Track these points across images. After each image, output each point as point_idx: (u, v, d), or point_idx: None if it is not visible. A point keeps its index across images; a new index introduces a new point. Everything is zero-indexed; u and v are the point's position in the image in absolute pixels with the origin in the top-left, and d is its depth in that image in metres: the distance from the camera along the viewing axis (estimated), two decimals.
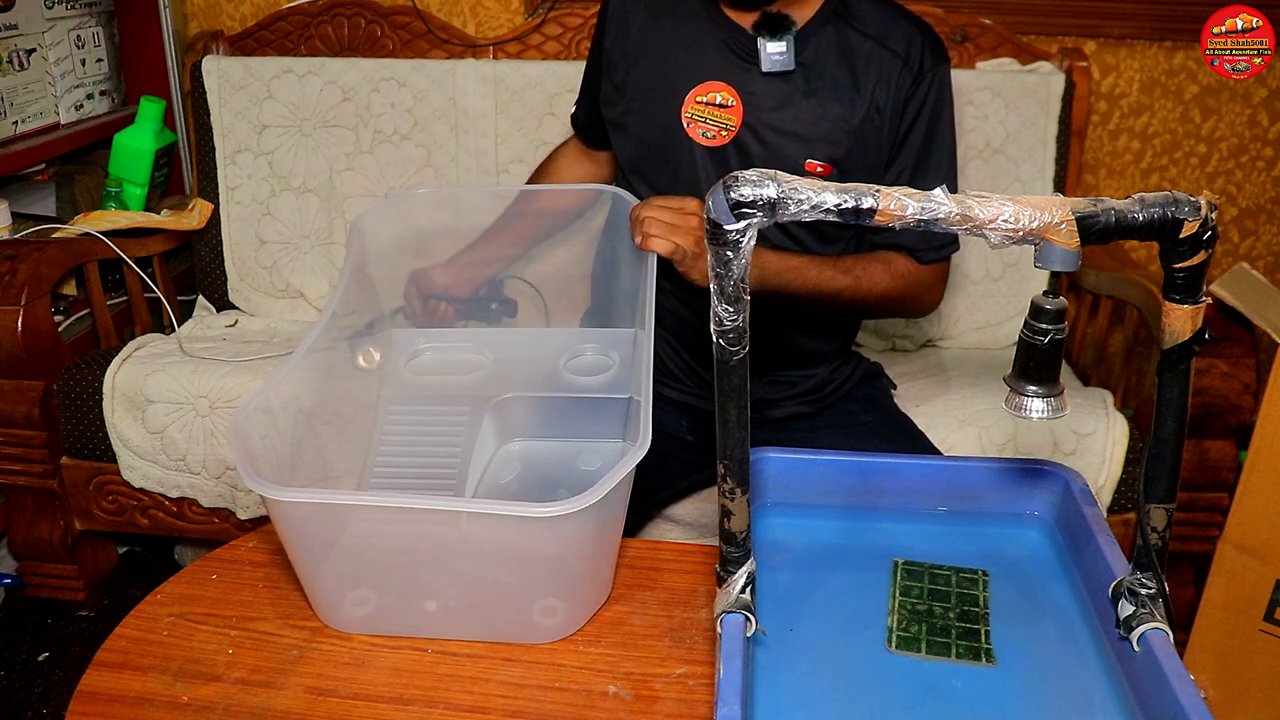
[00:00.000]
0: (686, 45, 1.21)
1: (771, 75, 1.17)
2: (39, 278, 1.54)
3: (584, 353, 1.19)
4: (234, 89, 1.89)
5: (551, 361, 1.18)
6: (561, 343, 1.22)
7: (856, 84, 1.17)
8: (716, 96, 1.19)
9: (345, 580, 0.85)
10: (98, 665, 0.84)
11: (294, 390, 0.94)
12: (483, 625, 0.86)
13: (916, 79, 1.18)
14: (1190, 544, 1.43)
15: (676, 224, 1.07)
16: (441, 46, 1.95)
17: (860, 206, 0.59)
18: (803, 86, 1.18)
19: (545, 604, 0.85)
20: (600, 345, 1.20)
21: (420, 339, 1.24)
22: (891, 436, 1.28)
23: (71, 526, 1.66)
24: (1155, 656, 0.68)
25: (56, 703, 1.53)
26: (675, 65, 1.21)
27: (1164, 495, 0.69)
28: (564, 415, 1.13)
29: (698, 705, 0.79)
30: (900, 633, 0.79)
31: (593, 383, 1.13)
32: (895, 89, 1.17)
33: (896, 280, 1.22)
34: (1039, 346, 0.66)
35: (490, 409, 1.12)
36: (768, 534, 0.91)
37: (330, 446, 1.03)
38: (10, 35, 1.76)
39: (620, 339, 1.19)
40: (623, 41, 1.26)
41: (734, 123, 1.18)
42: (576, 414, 1.13)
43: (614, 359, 1.16)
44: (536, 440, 1.14)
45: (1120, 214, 0.59)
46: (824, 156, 1.18)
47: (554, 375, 1.16)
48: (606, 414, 1.12)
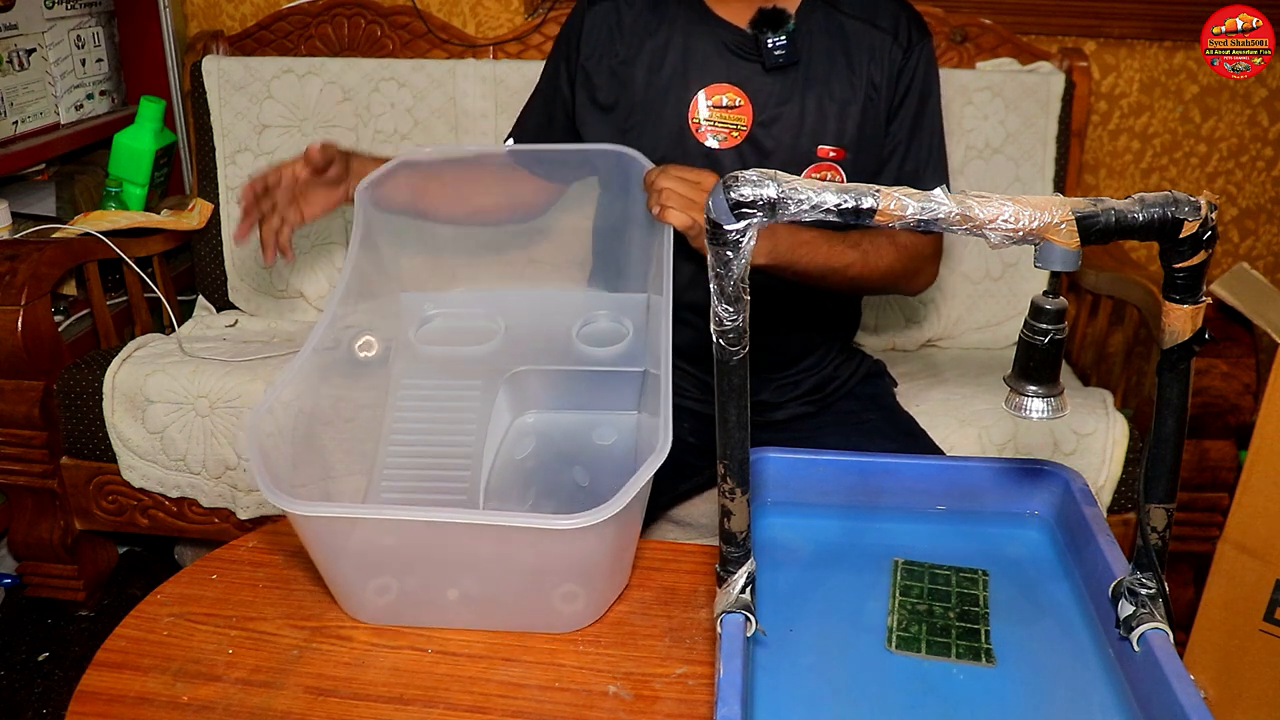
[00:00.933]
0: (685, 53, 1.20)
1: (774, 70, 1.17)
2: (39, 278, 1.54)
3: (597, 319, 1.17)
4: (234, 89, 1.89)
5: (564, 329, 1.15)
6: (574, 308, 1.18)
7: (852, 65, 1.19)
8: (724, 99, 1.19)
9: (365, 572, 0.86)
10: (98, 665, 0.84)
11: (308, 376, 0.93)
12: (504, 614, 0.86)
13: (906, 52, 1.20)
14: (1190, 544, 1.43)
15: (694, 199, 1.05)
16: (441, 46, 1.95)
17: (860, 206, 0.59)
18: (804, 76, 1.18)
19: (566, 590, 0.85)
20: (612, 311, 1.17)
21: (429, 304, 1.20)
22: (894, 435, 1.28)
23: (71, 526, 1.66)
24: (1155, 656, 0.68)
25: (56, 703, 1.53)
26: (677, 74, 1.21)
27: (1164, 495, 0.69)
28: (578, 387, 1.12)
29: (698, 705, 0.79)
30: (900, 633, 0.79)
31: (606, 355, 1.11)
32: (888, 64, 1.20)
33: (901, 253, 1.21)
34: (1039, 346, 0.66)
35: (504, 382, 1.10)
36: (768, 534, 0.91)
37: (344, 430, 1.02)
38: (10, 35, 1.76)
39: (632, 305, 1.16)
40: (609, 60, 1.24)
41: (745, 123, 1.19)
42: (591, 386, 1.11)
43: (627, 327, 1.14)
44: (551, 413, 1.12)
45: (1120, 214, 0.59)
46: (834, 141, 1.19)
47: (567, 344, 1.14)
48: (621, 386, 1.10)
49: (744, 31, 1.19)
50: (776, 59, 1.16)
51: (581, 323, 1.17)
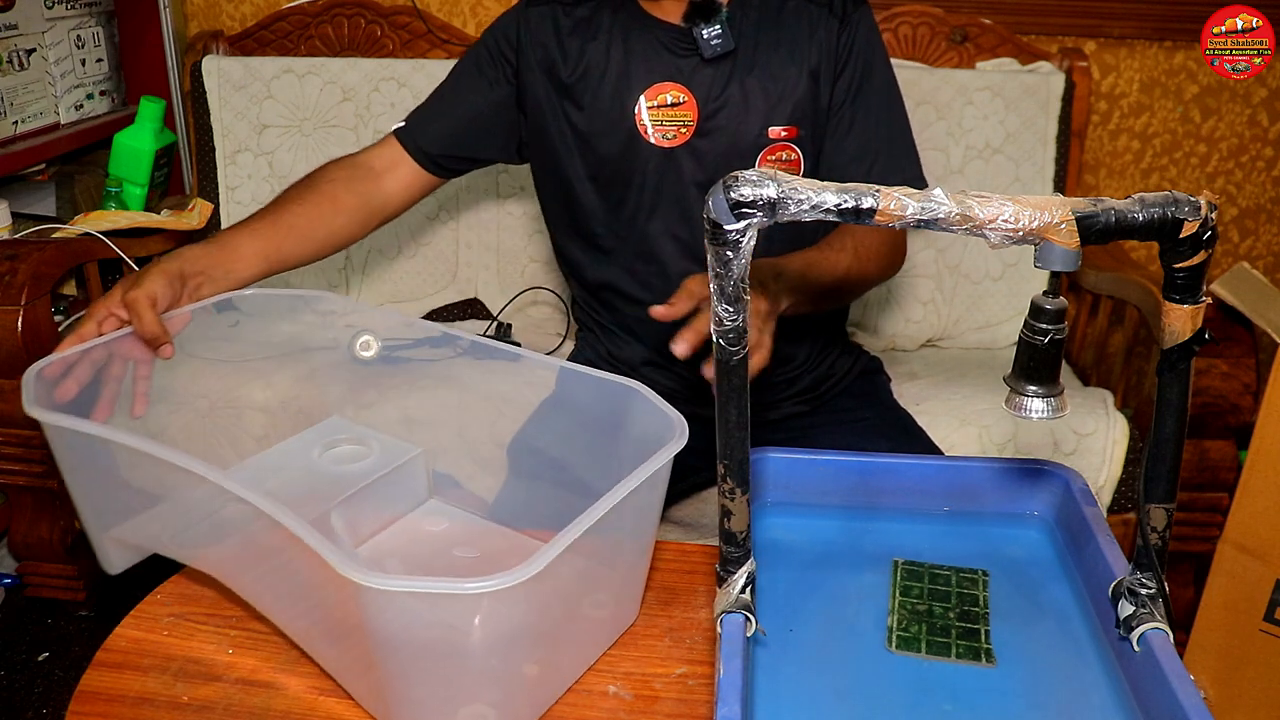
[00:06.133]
0: (624, 56, 1.20)
1: (713, 60, 1.18)
2: (39, 278, 1.54)
3: (339, 443, 1.05)
4: (234, 89, 1.89)
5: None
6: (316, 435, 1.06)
7: (792, 43, 1.19)
8: (668, 97, 1.19)
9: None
10: (98, 665, 0.83)
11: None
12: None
13: (842, 23, 1.20)
14: (1190, 544, 1.44)
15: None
16: (441, 46, 1.95)
17: (860, 206, 0.59)
18: (745, 61, 1.18)
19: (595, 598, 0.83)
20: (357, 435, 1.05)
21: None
22: (890, 433, 1.28)
23: (71, 526, 1.66)
24: (1155, 656, 0.68)
25: (56, 703, 1.52)
26: (619, 80, 1.20)
27: (1164, 495, 0.69)
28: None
29: (698, 705, 0.79)
30: (900, 633, 0.79)
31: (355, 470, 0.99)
32: (826, 37, 1.19)
33: (883, 236, 1.19)
34: (1039, 346, 0.66)
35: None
36: (768, 534, 0.91)
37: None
38: (10, 35, 1.76)
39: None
40: (557, 69, 1.23)
41: (690, 117, 1.19)
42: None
43: (373, 447, 1.02)
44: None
45: (1120, 214, 0.59)
46: (785, 121, 1.19)
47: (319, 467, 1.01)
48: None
49: (679, 27, 1.18)
50: (714, 49, 1.16)
51: (323, 448, 1.04)
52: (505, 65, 1.26)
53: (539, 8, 1.24)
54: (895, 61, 1.92)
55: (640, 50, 1.20)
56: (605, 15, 1.22)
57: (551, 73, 1.23)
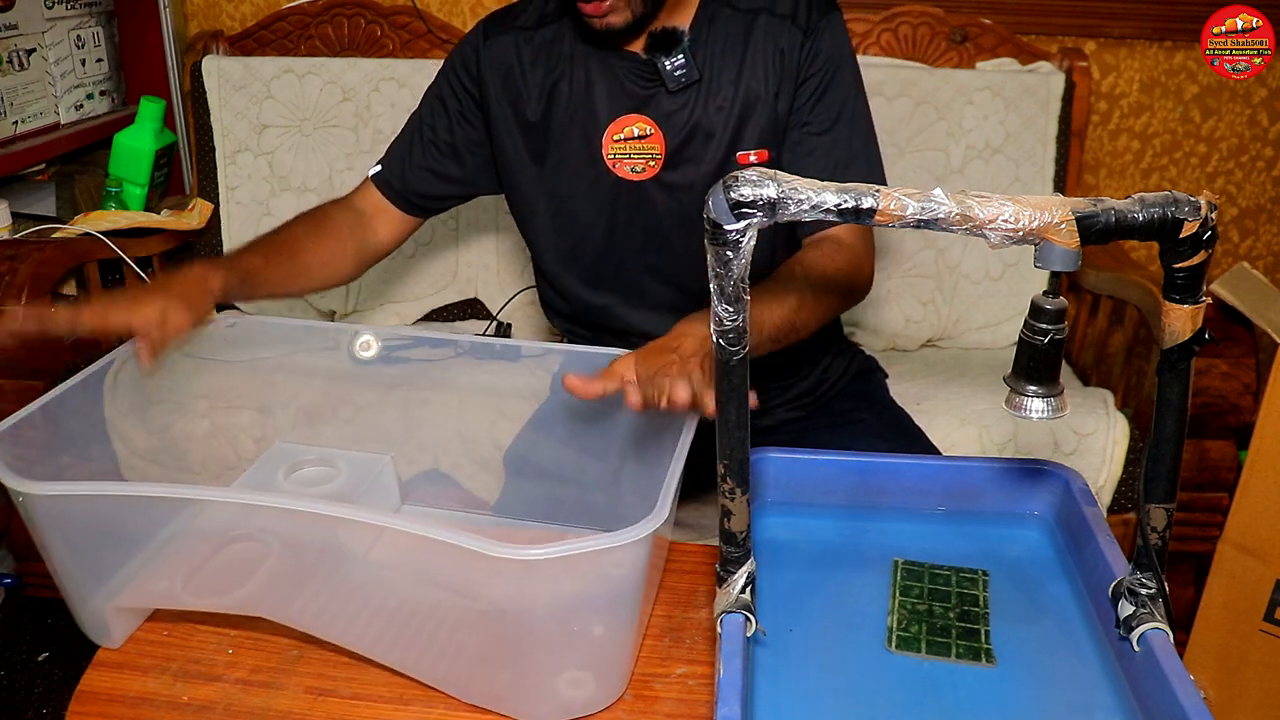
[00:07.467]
0: (587, 90, 1.17)
1: (679, 90, 1.15)
2: (39, 278, 1.54)
3: (301, 466, 1.05)
4: (234, 89, 1.89)
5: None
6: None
7: (757, 62, 1.15)
8: (634, 129, 1.16)
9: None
10: (98, 665, 0.84)
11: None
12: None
13: (806, 32, 1.15)
14: (1190, 544, 1.43)
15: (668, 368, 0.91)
16: (441, 46, 1.95)
17: (860, 207, 0.59)
18: (710, 88, 1.15)
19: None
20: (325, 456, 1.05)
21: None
22: (888, 434, 1.27)
23: None
24: (1155, 656, 0.68)
25: (56, 703, 1.53)
26: (583, 113, 1.18)
27: (1164, 495, 0.69)
28: None
29: (698, 705, 0.79)
30: (900, 633, 0.79)
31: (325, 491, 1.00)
32: (790, 49, 1.15)
33: (839, 264, 1.13)
34: (1039, 346, 0.66)
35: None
36: (768, 534, 0.91)
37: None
38: (10, 35, 1.76)
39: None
40: (512, 105, 1.21)
41: (658, 150, 1.16)
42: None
43: (340, 468, 1.02)
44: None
45: (1120, 214, 0.59)
46: (755, 145, 1.16)
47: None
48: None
49: (641, 57, 1.15)
50: (678, 80, 1.13)
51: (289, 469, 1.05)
52: (469, 98, 1.23)
53: (499, 38, 1.21)
54: (895, 62, 1.93)
55: (602, 82, 1.17)
56: (566, 44, 1.19)
57: (516, 106, 1.20)
